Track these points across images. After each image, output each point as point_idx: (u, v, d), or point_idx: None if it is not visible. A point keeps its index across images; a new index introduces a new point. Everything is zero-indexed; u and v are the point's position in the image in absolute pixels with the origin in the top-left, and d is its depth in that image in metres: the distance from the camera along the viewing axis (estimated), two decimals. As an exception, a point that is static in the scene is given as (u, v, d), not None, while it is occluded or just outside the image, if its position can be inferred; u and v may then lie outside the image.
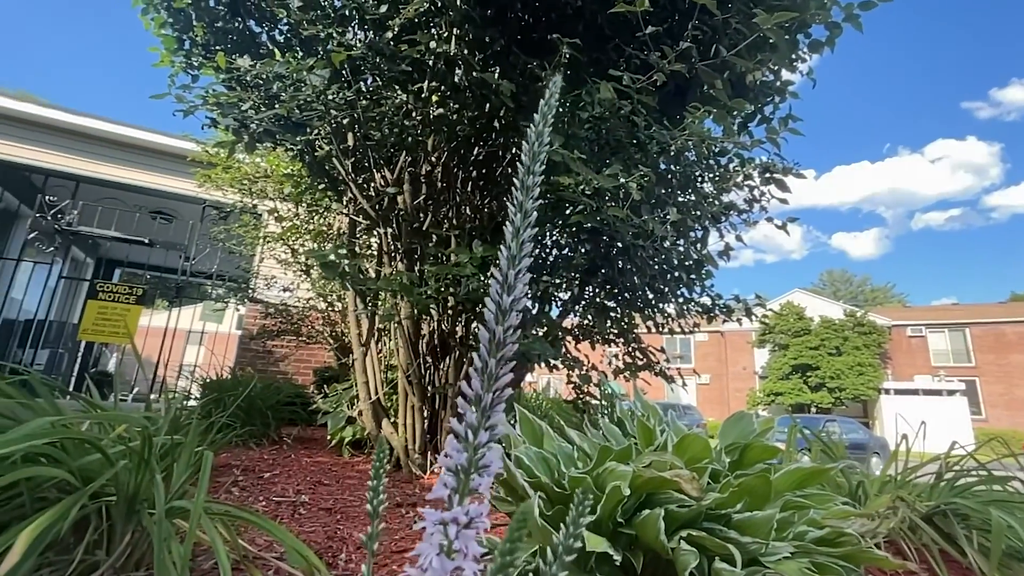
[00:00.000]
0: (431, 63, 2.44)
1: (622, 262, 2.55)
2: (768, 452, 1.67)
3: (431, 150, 2.84)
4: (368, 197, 2.89)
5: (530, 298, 2.79)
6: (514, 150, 2.57)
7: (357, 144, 2.83)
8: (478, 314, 2.82)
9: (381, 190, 2.85)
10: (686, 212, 2.35)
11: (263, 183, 4.59)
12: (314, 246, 4.34)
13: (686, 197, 2.63)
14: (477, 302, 2.37)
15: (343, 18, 2.58)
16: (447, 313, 2.79)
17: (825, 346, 25.73)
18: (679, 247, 2.62)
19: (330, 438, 3.29)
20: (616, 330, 3.00)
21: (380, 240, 3.07)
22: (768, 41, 2.20)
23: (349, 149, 2.87)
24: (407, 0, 2.30)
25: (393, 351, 3.11)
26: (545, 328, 2.64)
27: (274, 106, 2.36)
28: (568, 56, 2.17)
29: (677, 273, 2.68)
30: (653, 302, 2.89)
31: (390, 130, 2.57)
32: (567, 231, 2.77)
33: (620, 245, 2.33)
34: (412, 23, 2.37)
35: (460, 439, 0.33)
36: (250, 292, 5.43)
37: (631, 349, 3.07)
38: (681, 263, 2.63)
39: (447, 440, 0.34)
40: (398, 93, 2.60)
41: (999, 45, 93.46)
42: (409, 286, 2.32)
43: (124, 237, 6.70)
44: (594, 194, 2.18)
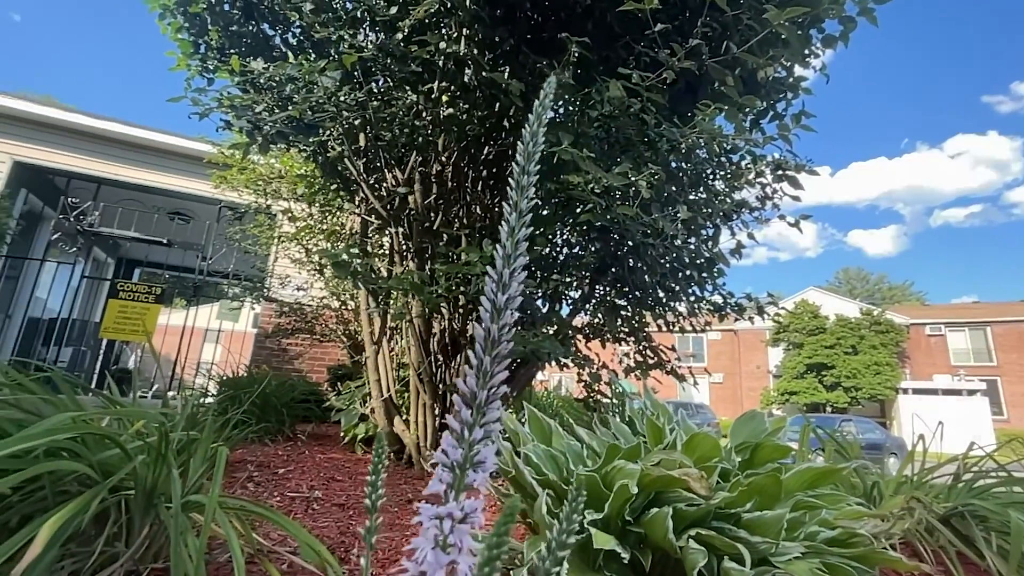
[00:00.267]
0: (441, 63, 2.45)
1: (632, 260, 2.54)
2: (779, 451, 1.66)
3: (441, 150, 2.86)
4: (380, 197, 2.92)
5: (540, 297, 2.80)
6: (524, 149, 2.57)
7: (369, 145, 2.86)
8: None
9: (392, 190, 2.87)
10: (696, 210, 2.33)
11: (277, 184, 4.66)
12: (327, 246, 4.39)
13: (697, 195, 2.61)
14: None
15: (355, 20, 2.61)
16: (458, 312, 2.81)
17: (841, 345, 25.32)
18: (690, 245, 2.60)
19: (343, 435, 3.33)
20: (627, 328, 2.99)
21: (392, 239, 3.10)
22: (780, 37, 2.17)
23: (361, 150, 2.90)
24: (417, 1, 2.32)
25: (405, 349, 3.14)
26: (555, 327, 2.65)
27: (287, 108, 2.40)
28: (577, 55, 2.17)
29: (688, 271, 2.66)
30: (664, 300, 2.88)
31: (401, 130, 2.59)
32: (577, 230, 2.77)
33: (630, 243, 2.32)
34: (422, 24, 2.38)
35: (455, 435, 0.34)
36: (265, 291, 5.51)
37: (642, 348, 3.06)
38: (692, 261, 2.61)
39: (443, 436, 0.35)
40: (408, 94, 2.62)
41: (1021, 38, 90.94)
42: (420, 285, 2.33)
43: (143, 237, 6.84)
44: (604, 192, 2.18)
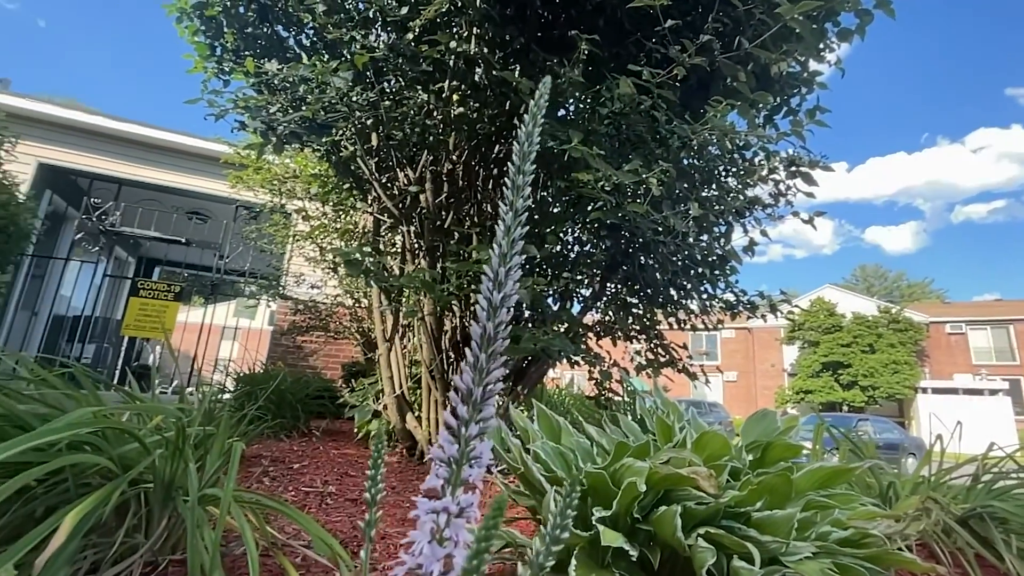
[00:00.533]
0: (451, 63, 2.47)
1: (643, 258, 2.53)
2: (791, 451, 1.65)
3: (452, 149, 2.87)
4: (391, 196, 2.95)
5: (551, 295, 2.80)
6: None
7: (380, 144, 2.89)
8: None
9: (404, 189, 2.90)
10: (708, 207, 2.32)
11: (292, 183, 4.72)
12: (341, 244, 4.44)
13: (709, 192, 2.59)
14: (498, 299, 2.39)
15: (366, 20, 2.63)
16: (469, 309, 2.82)
17: (858, 343, 24.89)
18: (702, 243, 2.58)
19: (357, 431, 3.37)
20: (638, 326, 2.98)
21: (404, 238, 3.13)
22: (793, 32, 2.14)
23: (373, 149, 2.92)
24: (427, 1, 2.33)
25: (417, 347, 3.17)
26: (566, 325, 2.65)
27: (300, 108, 2.43)
28: (587, 52, 2.16)
29: (700, 269, 2.65)
30: (675, 298, 2.86)
31: (412, 130, 2.61)
32: (588, 227, 2.76)
33: (641, 241, 2.32)
34: (432, 23, 2.39)
35: (452, 431, 0.35)
36: (281, 289, 5.60)
37: (653, 345, 3.05)
38: (704, 259, 2.60)
39: (439, 432, 0.36)
40: (419, 93, 2.63)
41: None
42: (431, 283, 2.35)
43: (163, 237, 6.98)
44: (614, 190, 2.18)
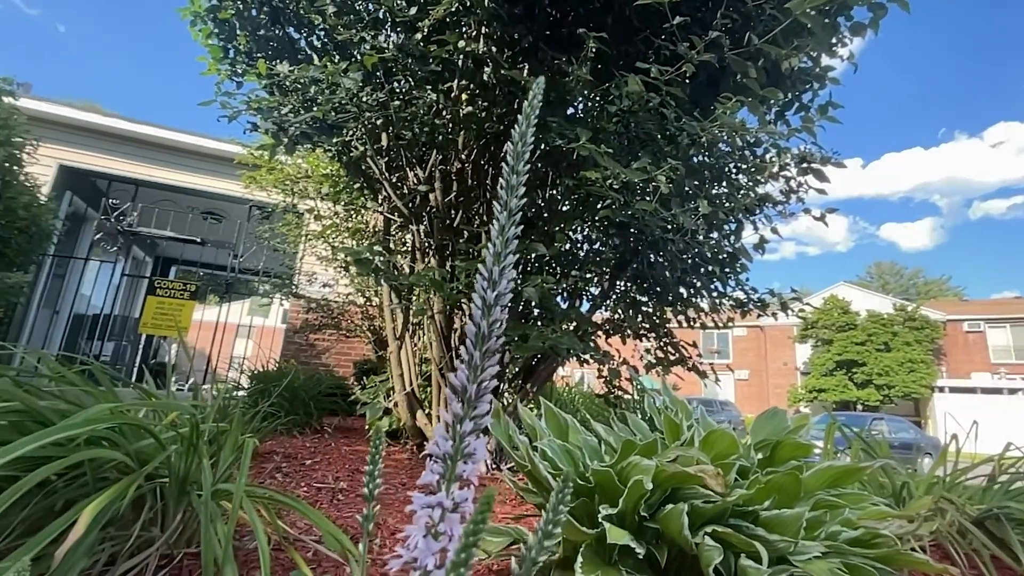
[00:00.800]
0: (460, 62, 2.48)
1: (652, 256, 2.52)
2: (801, 450, 1.64)
3: (461, 148, 2.88)
4: (401, 195, 2.97)
5: (560, 293, 2.80)
6: (543, 146, 2.58)
7: (390, 144, 2.91)
8: (509, 308, 2.85)
9: (414, 188, 2.92)
10: (717, 205, 2.30)
11: (304, 183, 4.77)
12: (352, 243, 4.48)
13: (719, 189, 2.57)
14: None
15: (376, 21, 2.65)
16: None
17: (872, 341, 24.48)
18: (711, 240, 2.57)
19: (368, 428, 3.41)
20: (648, 325, 2.97)
21: (413, 237, 3.15)
22: (805, 26, 2.12)
23: (383, 149, 2.95)
24: (436, 1, 2.34)
25: (427, 345, 3.19)
26: (575, 323, 2.65)
27: (311, 109, 2.46)
28: (595, 50, 2.16)
29: (710, 267, 2.63)
30: (685, 296, 2.85)
31: (421, 129, 2.62)
32: (597, 226, 2.76)
33: (650, 239, 2.31)
34: (441, 23, 2.41)
35: (446, 428, 0.36)
36: (294, 288, 5.66)
37: (663, 344, 3.04)
38: (714, 256, 2.58)
39: (435, 429, 0.37)
40: (428, 93, 2.65)
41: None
42: (440, 282, 2.37)
43: (179, 237, 7.10)
44: (622, 188, 2.17)
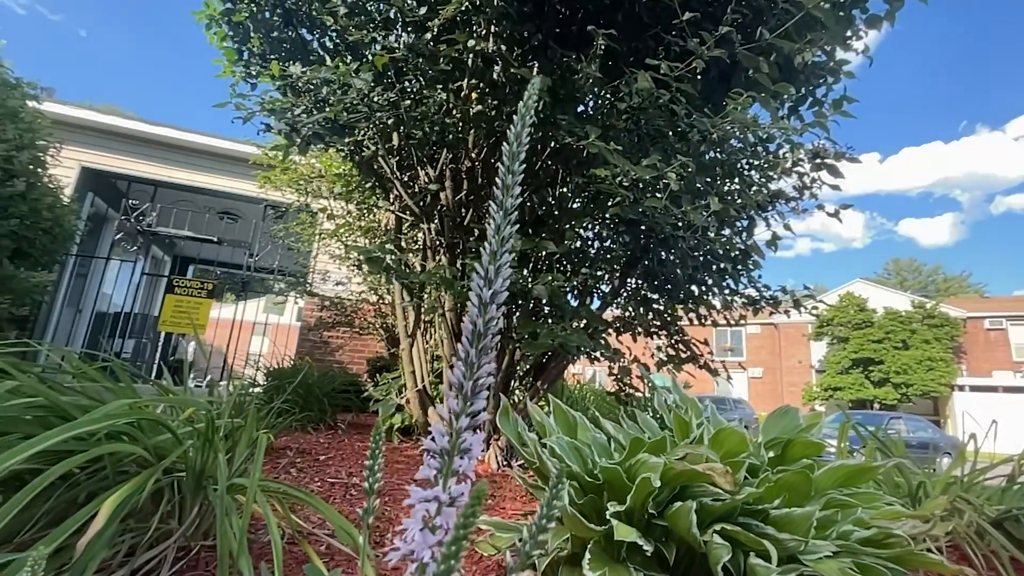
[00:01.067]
0: (469, 61, 2.49)
1: (663, 253, 2.51)
2: (812, 448, 1.63)
3: (471, 146, 2.89)
4: (412, 194, 2.99)
5: (570, 290, 2.80)
6: (553, 144, 2.58)
7: (401, 143, 2.93)
8: (520, 306, 2.86)
9: (424, 187, 2.94)
10: (729, 201, 2.28)
11: (318, 183, 4.83)
12: (364, 242, 4.52)
13: (730, 186, 2.55)
14: (516, 295, 2.41)
15: (387, 21, 2.67)
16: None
17: (890, 339, 24.01)
18: (723, 237, 2.55)
19: (381, 424, 3.45)
20: (659, 322, 2.96)
21: (424, 235, 3.17)
22: (818, 20, 2.09)
23: (394, 148, 2.97)
24: (446, 0, 2.35)
25: (438, 342, 3.21)
26: (585, 320, 2.65)
27: (324, 109, 2.49)
28: (605, 47, 2.15)
29: (722, 264, 2.61)
30: (696, 294, 2.83)
31: (431, 128, 2.64)
32: (607, 223, 2.75)
33: (660, 236, 2.30)
34: (450, 23, 2.42)
35: (443, 424, 0.37)
36: (308, 286, 5.73)
37: (674, 341, 3.02)
38: (726, 254, 2.56)
39: (433, 425, 0.38)
40: (439, 92, 2.66)
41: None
42: (451, 280, 2.39)
43: (196, 236, 7.23)
44: (632, 185, 2.17)
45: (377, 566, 1.31)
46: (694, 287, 2.78)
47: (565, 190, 2.83)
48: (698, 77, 2.24)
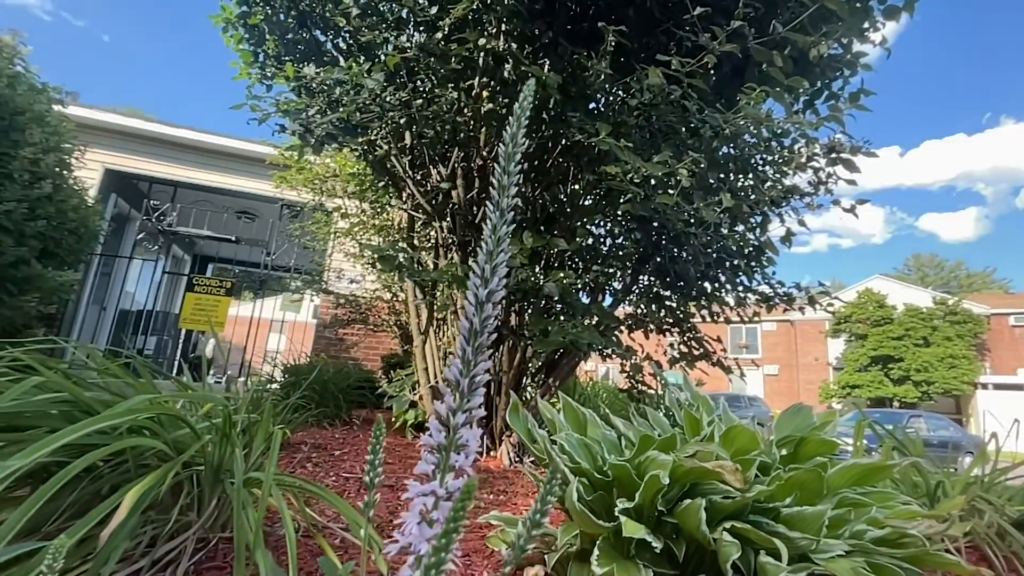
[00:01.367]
0: (480, 60, 2.49)
1: (675, 250, 2.50)
2: (826, 446, 1.61)
3: (483, 145, 2.90)
4: (424, 192, 3.01)
5: (582, 288, 2.80)
6: (563, 141, 2.58)
7: (413, 142, 2.95)
8: (531, 303, 2.87)
9: (436, 185, 2.96)
10: (742, 198, 2.26)
11: (332, 182, 4.88)
12: (378, 240, 4.57)
13: (744, 181, 2.52)
14: (527, 292, 2.42)
15: (399, 21, 2.69)
16: (500, 303, 2.86)
17: (910, 336, 23.45)
18: (736, 234, 2.52)
19: (395, 420, 3.49)
20: (671, 319, 2.94)
21: (436, 233, 3.19)
22: (833, 12, 2.05)
23: (406, 147, 3.00)
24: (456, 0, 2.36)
25: (451, 339, 3.24)
26: (596, 318, 2.65)
27: (337, 110, 2.52)
28: (616, 43, 2.14)
29: (735, 261, 2.58)
30: (709, 291, 2.81)
31: (443, 127, 2.66)
32: (618, 220, 2.74)
33: (672, 233, 2.29)
34: (461, 22, 2.43)
35: (440, 420, 0.38)
36: (324, 284, 5.81)
37: (687, 339, 3.01)
38: (739, 250, 2.53)
39: (430, 421, 0.39)
40: (450, 91, 2.68)
41: None
42: (463, 277, 2.40)
43: (215, 235, 7.37)
44: (643, 182, 2.16)
45: (388, 559, 1.34)
46: (707, 284, 2.76)
47: (577, 187, 2.83)
48: (710, 72, 2.22)
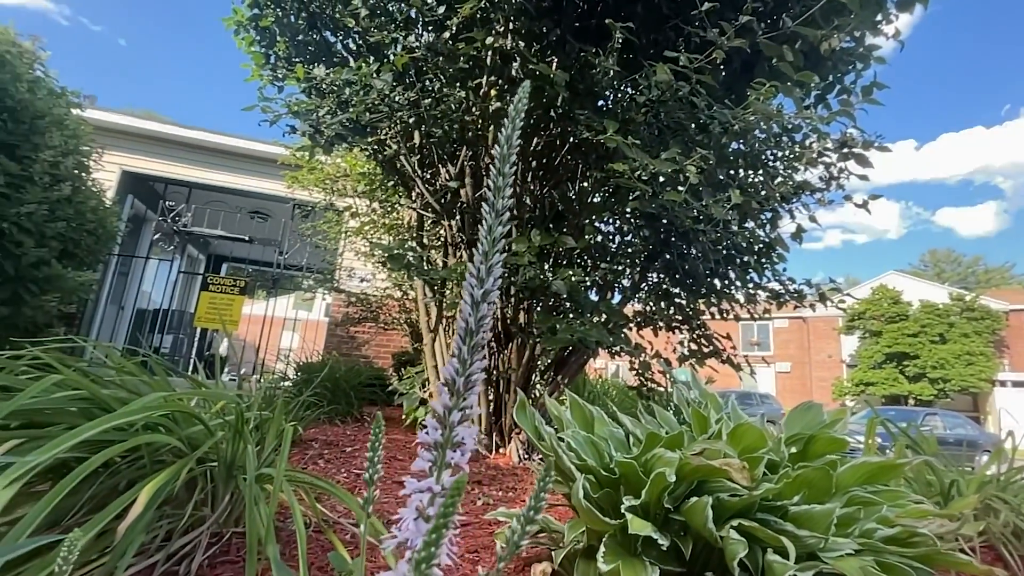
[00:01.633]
0: (488, 59, 2.50)
1: (684, 247, 2.48)
2: (835, 444, 1.60)
3: (491, 143, 2.91)
4: (433, 191, 3.03)
5: (590, 285, 2.80)
6: (571, 139, 2.58)
7: (422, 141, 2.97)
8: (540, 301, 2.87)
9: (445, 184, 2.97)
10: (751, 194, 2.24)
11: (343, 182, 4.93)
12: (388, 239, 4.60)
13: (754, 177, 2.50)
14: (535, 290, 2.43)
15: (407, 21, 2.71)
16: (508, 301, 2.87)
17: (926, 333, 22.98)
18: (745, 230, 2.50)
19: (405, 417, 3.52)
20: (680, 317, 2.93)
21: (445, 232, 3.21)
22: (845, 5, 2.03)
23: (415, 147, 3.01)
24: (463, -1, 2.37)
25: (461, 338, 3.25)
26: (605, 315, 2.65)
27: (347, 110, 2.54)
28: (623, 40, 2.13)
29: (745, 257, 2.56)
30: (719, 288, 2.79)
31: (451, 126, 2.67)
32: (626, 218, 2.74)
33: (680, 230, 2.28)
34: (469, 21, 2.43)
35: (437, 418, 0.39)
36: (335, 283, 5.86)
37: (696, 336, 2.99)
38: (749, 247, 2.51)
39: (428, 419, 0.40)
40: (458, 90, 2.69)
41: None
42: (471, 276, 2.42)
43: (228, 235, 7.47)
44: (651, 179, 2.15)
45: (393, 553, 1.36)
46: (716, 281, 2.75)
47: (585, 185, 2.82)
48: (719, 68, 2.20)
